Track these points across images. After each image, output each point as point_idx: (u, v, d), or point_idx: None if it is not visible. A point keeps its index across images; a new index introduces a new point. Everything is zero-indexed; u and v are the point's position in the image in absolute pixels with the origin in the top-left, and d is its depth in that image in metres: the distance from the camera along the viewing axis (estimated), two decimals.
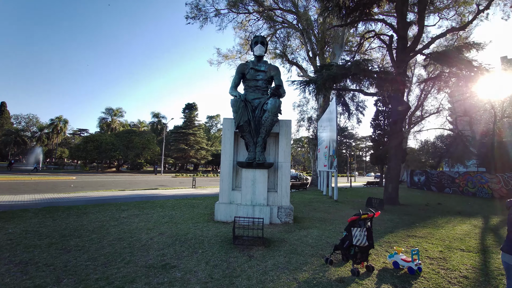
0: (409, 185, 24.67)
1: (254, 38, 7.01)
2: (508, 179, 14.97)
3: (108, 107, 45.40)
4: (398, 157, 10.30)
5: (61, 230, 5.11)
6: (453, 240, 5.26)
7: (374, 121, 25.83)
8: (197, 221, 6.21)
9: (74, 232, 5.01)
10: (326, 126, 14.23)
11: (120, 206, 8.00)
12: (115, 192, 13.00)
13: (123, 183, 19.95)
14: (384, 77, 7.22)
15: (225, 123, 6.68)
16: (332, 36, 19.46)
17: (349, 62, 7.70)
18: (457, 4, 16.32)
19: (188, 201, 9.96)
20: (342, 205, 10.21)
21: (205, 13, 20.76)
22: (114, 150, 36.23)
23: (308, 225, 6.18)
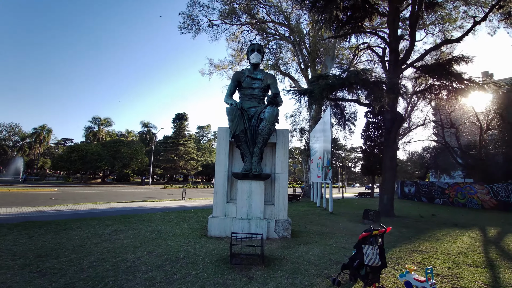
0: (400, 196, 24.81)
1: (250, 46, 6.86)
2: (497, 190, 15.22)
3: (96, 116, 44.24)
4: (393, 168, 10.23)
5: (37, 249, 4.58)
6: (458, 255, 5.06)
7: (365, 132, 26.16)
8: (188, 237, 5.77)
9: (51, 251, 4.49)
10: (319, 137, 14.15)
11: (104, 221, 7.42)
12: (99, 205, 12.27)
13: (108, 195, 19.03)
14: (381, 88, 7.20)
15: (219, 132, 6.39)
16: (323, 49, 19.82)
17: (347, 72, 7.67)
18: (443, 20, 17.05)
19: (178, 214, 9.45)
20: (338, 217, 9.95)
21: (198, 24, 20.81)
22: (100, 161, 34.97)
23: (307, 240, 5.86)
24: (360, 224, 8.35)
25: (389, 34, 10.24)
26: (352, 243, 5.61)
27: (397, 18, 10.11)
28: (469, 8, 16.19)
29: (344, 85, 7.36)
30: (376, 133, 25.56)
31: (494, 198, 15.34)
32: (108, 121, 45.26)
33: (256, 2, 20.71)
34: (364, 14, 10.74)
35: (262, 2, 21.21)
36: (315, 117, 20.39)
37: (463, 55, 10.29)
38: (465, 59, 10.29)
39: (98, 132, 45.63)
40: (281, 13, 21.56)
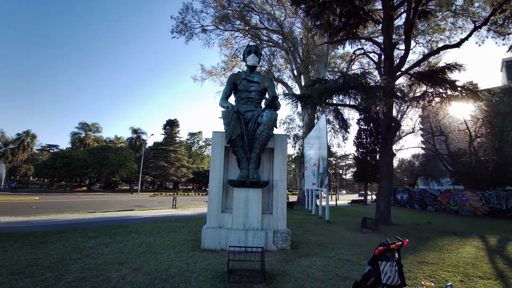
0: (392, 203, 24.83)
1: (247, 47, 6.62)
2: (489, 197, 15.35)
3: (83, 122, 42.83)
4: (390, 175, 10.09)
5: (11, 265, 4.08)
6: (466, 266, 4.82)
7: (357, 139, 26.27)
8: (180, 250, 5.31)
9: (25, 268, 3.99)
10: (314, 144, 13.97)
11: (87, 233, 6.85)
12: (83, 214, 11.55)
13: (93, 204, 18.13)
14: (380, 92, 7.07)
15: (214, 137, 6.03)
16: (316, 56, 19.94)
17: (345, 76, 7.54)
18: (432, 30, 17.44)
19: (169, 224, 8.92)
20: (335, 226, 9.65)
21: (191, 29, 20.61)
22: (86, 168, 33.70)
23: (307, 251, 5.50)
24: (359, 233, 8.06)
25: (384, 41, 10.27)
26: (355, 255, 5.32)
27: (391, 25, 10.17)
28: (456, 20, 16.70)
29: (343, 89, 7.19)
30: (368, 140, 25.71)
31: (486, 205, 15.45)
32: (96, 127, 43.96)
33: (249, 9, 20.73)
34: (358, 21, 10.77)
35: (255, 9, 21.27)
36: (309, 123, 20.30)
37: (456, 63, 10.39)
38: (458, 66, 10.38)
39: (85, 138, 44.22)
40: (274, 20, 21.67)
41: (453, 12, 16.14)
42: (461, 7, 15.52)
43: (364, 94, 6.98)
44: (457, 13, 16.06)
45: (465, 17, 15.41)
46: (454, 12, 16.17)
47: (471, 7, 15.32)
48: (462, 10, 15.68)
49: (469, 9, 15.46)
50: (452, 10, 16.01)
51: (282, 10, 22.39)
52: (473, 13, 14.29)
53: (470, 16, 14.65)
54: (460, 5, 15.42)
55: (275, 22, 21.68)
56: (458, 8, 15.74)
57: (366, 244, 6.41)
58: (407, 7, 8.90)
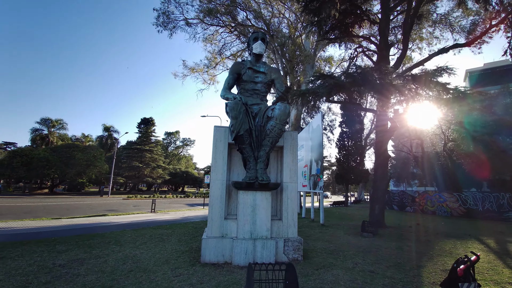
0: None
1: (253, 33, 5.95)
2: (465, 198, 16.08)
3: (45, 117, 38.77)
4: (385, 177, 9.95)
5: None
6: (488, 272, 4.55)
7: (339, 141, 26.63)
8: (176, 265, 4.46)
9: None
10: (304, 144, 13.59)
11: (55, 245, 5.67)
12: (47, 221, 10.01)
13: (58, 208, 16.15)
14: (391, 90, 6.77)
15: (216, 132, 5.25)
16: (304, 56, 19.74)
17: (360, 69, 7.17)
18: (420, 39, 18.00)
19: (153, 232, 7.89)
20: (332, 230, 9.25)
21: (174, 21, 19.38)
22: (49, 168, 30.49)
23: (322, 262, 4.92)
24: (361, 238, 7.70)
25: (380, 41, 10.16)
26: (374, 264, 4.83)
27: (388, 25, 10.08)
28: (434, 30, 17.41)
29: (354, 84, 6.80)
30: (350, 143, 26.16)
31: (463, 206, 16.18)
32: (60, 123, 40.06)
33: (235, 4, 20.00)
34: (355, 19, 10.58)
35: (241, 5, 20.59)
36: (295, 124, 20.02)
37: (447, 67, 10.54)
38: (448, 70, 10.56)
39: (49, 135, 40.16)
40: (261, 19, 21.15)
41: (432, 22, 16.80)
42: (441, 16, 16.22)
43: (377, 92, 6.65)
44: (436, 22, 16.76)
45: (447, 26, 16.08)
46: (433, 22, 16.85)
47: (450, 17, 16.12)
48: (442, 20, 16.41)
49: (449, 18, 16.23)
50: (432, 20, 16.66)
51: (268, 9, 21.99)
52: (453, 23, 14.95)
53: (451, 27, 15.30)
54: (441, 14, 16.12)
55: (261, 21, 21.17)
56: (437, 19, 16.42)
57: (376, 251, 6.01)
58: (407, 7, 8.82)
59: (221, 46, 21.74)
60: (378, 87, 6.76)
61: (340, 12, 10.06)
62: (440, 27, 16.99)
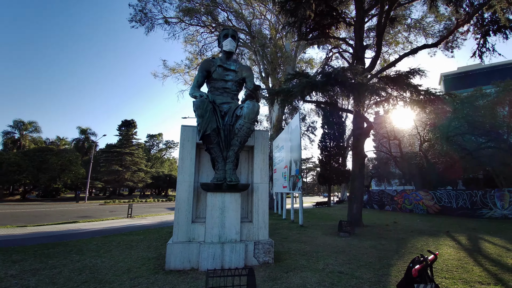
0: None
1: (223, 30, 5.78)
2: (440, 196, 16.66)
3: (17, 120, 36.52)
4: (362, 177, 10.06)
5: None
6: (458, 270, 4.60)
7: (321, 142, 26.94)
8: (137, 274, 4.17)
9: None
10: (284, 145, 13.56)
11: (11, 255, 5.20)
12: (11, 229, 9.30)
13: (27, 215, 15.14)
14: (365, 90, 6.81)
15: (184, 132, 5.02)
16: (284, 58, 19.84)
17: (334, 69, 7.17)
18: (388, 43, 18.60)
19: (123, 238, 7.48)
20: (311, 230, 9.20)
21: (152, 19, 18.87)
22: (20, 173, 28.72)
23: (292, 264, 4.80)
24: (337, 238, 7.69)
25: (356, 42, 10.34)
26: (345, 265, 4.77)
27: (363, 27, 10.27)
28: (409, 34, 18.08)
29: (328, 84, 6.78)
30: (332, 144, 26.53)
31: (438, 203, 16.75)
32: (33, 126, 37.87)
33: (216, 5, 19.81)
34: (331, 21, 10.70)
35: (222, 5, 20.43)
36: (277, 125, 20.02)
37: (419, 69, 10.87)
38: (420, 72, 10.88)
39: (21, 139, 37.87)
40: (242, 20, 21.08)
41: (407, 26, 17.42)
42: (415, 21, 16.85)
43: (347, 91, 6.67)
44: (411, 27, 17.40)
45: (418, 30, 16.71)
46: (408, 26, 17.47)
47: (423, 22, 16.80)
48: (416, 24, 17.06)
49: (422, 23, 16.90)
50: (407, 24, 17.27)
51: (250, 10, 21.97)
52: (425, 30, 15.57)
53: (424, 30, 15.91)
54: (415, 19, 16.75)
55: (243, 21, 21.10)
56: (412, 24, 17.05)
57: (350, 250, 5.98)
58: (379, 9, 9.03)
59: (202, 46, 21.44)
60: (351, 87, 6.80)
61: (316, 14, 10.13)
62: (415, 32, 17.67)
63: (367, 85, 6.95)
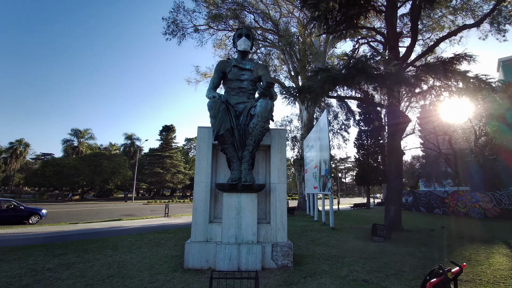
0: None
1: (237, 30, 5.78)
2: (500, 197, 14.46)
3: (75, 128, 41.71)
4: (400, 177, 9.18)
5: None
6: (506, 282, 3.88)
7: (358, 141, 25.46)
8: (158, 271, 4.33)
9: None
10: (314, 145, 13.08)
11: (54, 249, 5.84)
12: (64, 226, 10.50)
13: (80, 213, 17.02)
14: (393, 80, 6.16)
15: (200, 133, 5.11)
16: (313, 55, 19.22)
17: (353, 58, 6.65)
18: (432, 28, 16.74)
19: (154, 236, 7.91)
20: (341, 233, 8.67)
21: (183, 29, 19.85)
22: (78, 176, 32.52)
23: (314, 269, 4.53)
24: (370, 242, 7.10)
25: (388, 31, 9.50)
26: (373, 272, 4.35)
27: (395, 13, 9.40)
28: (456, 17, 16.05)
29: (349, 76, 6.30)
30: (369, 142, 24.89)
31: (497, 206, 14.55)
32: (89, 133, 42.82)
33: (242, 8, 20.06)
34: (359, 11, 10.00)
35: (249, 8, 20.61)
36: (308, 124, 19.45)
37: (465, 54, 9.58)
38: (467, 57, 9.59)
39: (79, 145, 43.05)
40: (269, 19, 21.01)
41: (453, 9, 15.50)
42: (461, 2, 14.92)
43: (373, 82, 6.10)
44: (457, 9, 15.44)
45: (465, 11, 14.76)
46: (454, 9, 15.54)
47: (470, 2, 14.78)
48: (463, 6, 15.08)
49: (469, 3, 14.88)
50: (452, 6, 15.37)
51: (277, 9, 21.80)
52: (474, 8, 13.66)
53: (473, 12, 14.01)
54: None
55: (270, 22, 21.02)
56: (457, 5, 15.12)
57: (382, 257, 5.45)
58: None
59: (230, 49, 21.83)
60: (377, 77, 6.19)
61: (342, 4, 9.56)
62: (462, 14, 15.65)
63: (399, 75, 6.27)
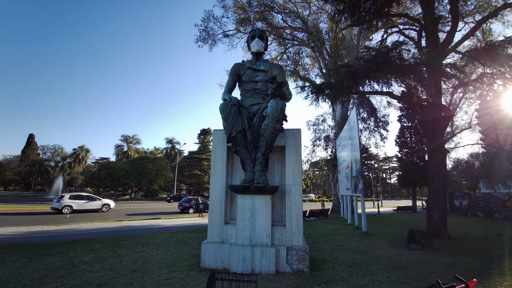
0: (449, 211, 21.39)
1: (250, 32, 5.79)
2: None
3: (125, 135, 46.33)
4: (443, 177, 8.19)
5: None
6: None
7: (400, 138, 23.47)
8: (176, 269, 4.54)
9: (5, 284, 3.59)
10: (346, 144, 12.43)
11: (93, 244, 6.51)
12: (110, 223, 11.65)
13: (126, 212, 18.72)
14: (422, 70, 5.51)
15: (215, 136, 5.24)
16: (346, 49, 18.30)
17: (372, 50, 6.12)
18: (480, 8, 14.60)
19: (184, 235, 8.32)
20: (374, 239, 8.07)
21: (214, 36, 20.60)
22: (127, 177, 35.86)
23: (331, 275, 4.29)
24: (405, 250, 6.48)
25: (424, 15, 8.56)
26: (397, 284, 3.96)
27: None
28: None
29: (371, 70, 5.81)
30: (413, 139, 22.75)
31: None
32: (135, 139, 47.11)
33: (270, 8, 20.05)
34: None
35: (276, 8, 20.53)
36: (341, 123, 18.57)
37: None
38: None
39: (128, 149, 47.58)
40: (298, 18, 20.63)
41: None
42: None
43: (398, 74, 5.51)
44: None
45: None
46: None
47: None
48: None
49: None
50: None
51: (306, 7, 21.32)
52: None
53: None
54: None
55: (298, 20, 20.64)
56: None
57: (414, 267, 4.93)
58: None
59: None
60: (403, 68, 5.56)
61: None
62: None
63: (437, 64, 5.58)
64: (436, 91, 7.46)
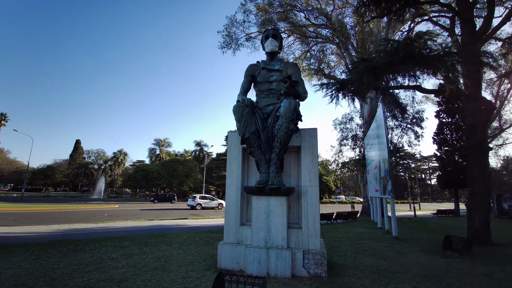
0: (497, 214, 19.20)
1: (264, 31, 5.74)
2: None
3: (157, 138, 49.11)
4: (485, 178, 7.35)
5: (24, 275, 4.12)
6: None
7: (438, 135, 21.62)
8: (193, 268, 4.64)
9: (33, 279, 3.98)
10: (374, 143, 11.79)
11: (123, 242, 6.93)
12: (140, 222, 12.34)
13: (158, 212, 19.71)
14: (453, 60, 4.95)
15: (230, 137, 5.28)
16: (373, 42, 17.38)
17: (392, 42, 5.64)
18: None
19: (206, 235, 8.51)
20: (405, 244, 7.51)
21: (237, 40, 20.91)
22: (160, 179, 37.79)
23: (351, 282, 4.06)
24: (439, 258, 5.92)
25: (458, 0, 7.79)
26: None
27: None
28: None
29: (394, 64, 5.36)
30: (454, 136, 20.82)
31: None
32: (166, 142, 49.62)
33: (292, 7, 19.81)
34: None
35: (299, 6, 20.22)
36: (369, 121, 17.66)
37: None
38: None
39: (160, 152, 50.29)
40: (322, 14, 20.10)
41: None
42: None
43: (425, 66, 5.00)
44: None
45: None
46: None
47: None
48: None
49: None
50: None
51: (330, 3, 20.71)
52: None
53: None
54: None
55: (322, 16, 20.10)
56: None
57: (446, 276, 4.48)
58: None
59: (283, 52, 21.81)
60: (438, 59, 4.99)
61: None
62: None
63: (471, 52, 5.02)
64: (474, 82, 6.72)
